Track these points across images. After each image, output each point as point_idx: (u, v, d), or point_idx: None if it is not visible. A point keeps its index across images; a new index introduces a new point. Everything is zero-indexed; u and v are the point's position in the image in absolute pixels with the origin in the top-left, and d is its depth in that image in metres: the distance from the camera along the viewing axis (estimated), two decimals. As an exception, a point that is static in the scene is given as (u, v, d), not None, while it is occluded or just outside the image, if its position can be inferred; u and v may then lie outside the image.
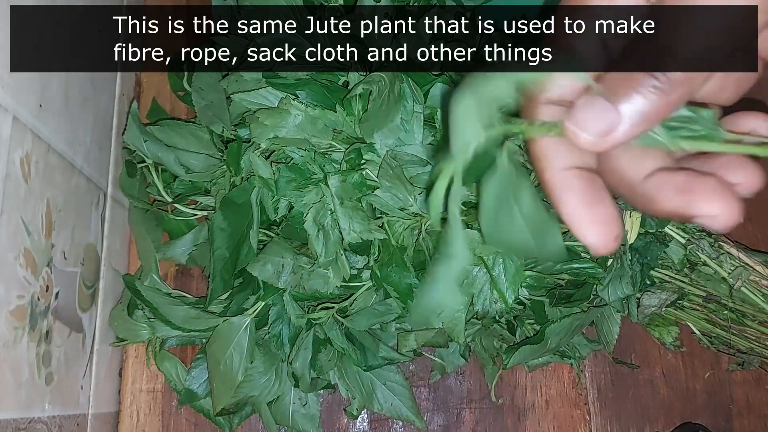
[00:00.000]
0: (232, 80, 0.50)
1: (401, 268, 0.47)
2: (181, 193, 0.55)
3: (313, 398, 0.53)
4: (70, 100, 0.49)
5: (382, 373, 0.53)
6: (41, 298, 0.43)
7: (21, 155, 0.41)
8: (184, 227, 0.56)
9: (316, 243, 0.47)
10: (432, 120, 0.47)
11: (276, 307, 0.51)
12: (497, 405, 0.56)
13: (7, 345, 0.39)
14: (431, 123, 0.47)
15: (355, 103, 0.45)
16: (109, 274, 0.55)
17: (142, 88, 0.64)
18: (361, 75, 0.46)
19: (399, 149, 0.46)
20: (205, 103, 0.53)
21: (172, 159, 0.53)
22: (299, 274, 0.49)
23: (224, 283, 0.49)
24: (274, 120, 0.46)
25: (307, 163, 0.47)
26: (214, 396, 0.50)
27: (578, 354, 0.55)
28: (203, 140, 0.53)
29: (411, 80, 0.46)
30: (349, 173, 0.46)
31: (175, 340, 0.55)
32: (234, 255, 0.50)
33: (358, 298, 0.51)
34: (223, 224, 0.49)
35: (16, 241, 0.40)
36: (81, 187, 0.50)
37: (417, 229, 0.48)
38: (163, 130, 0.54)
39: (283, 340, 0.51)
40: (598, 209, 0.25)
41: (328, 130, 0.47)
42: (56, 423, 0.45)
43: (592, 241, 0.25)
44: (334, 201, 0.46)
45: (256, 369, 0.51)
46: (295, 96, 0.46)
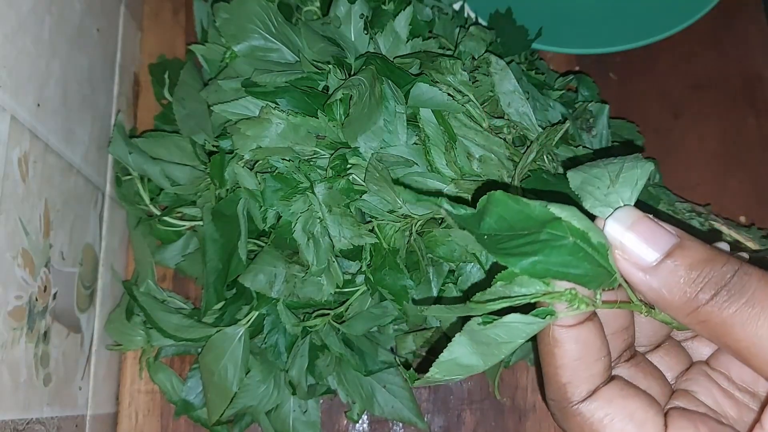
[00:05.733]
0: (212, 90, 0.50)
1: (395, 271, 0.47)
2: (167, 206, 0.55)
3: (313, 404, 0.53)
4: (68, 100, 0.48)
5: (381, 376, 0.53)
6: (39, 298, 0.43)
7: (19, 155, 0.41)
8: (174, 236, 0.55)
9: (307, 252, 0.47)
10: (414, 119, 0.46)
11: (270, 317, 0.50)
12: (498, 406, 0.56)
13: (5, 346, 0.39)
14: (414, 122, 0.46)
15: (337, 108, 0.45)
16: (108, 274, 0.55)
17: (140, 87, 0.64)
18: (341, 79, 0.46)
19: (384, 151, 0.45)
20: (186, 112, 0.52)
21: (158, 171, 0.53)
22: (292, 283, 0.48)
23: (217, 294, 0.49)
24: (256, 130, 0.45)
25: (292, 171, 0.47)
26: (209, 407, 0.50)
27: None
28: (187, 151, 0.52)
29: (390, 81, 0.45)
30: (335, 180, 0.45)
31: (170, 350, 0.55)
32: (225, 266, 0.49)
33: (353, 303, 0.50)
34: (215, 235, 0.48)
35: (14, 241, 0.40)
36: (79, 187, 0.50)
37: (407, 231, 0.47)
38: (148, 141, 0.54)
39: (280, 349, 0.50)
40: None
41: (312, 137, 0.46)
42: (55, 424, 0.45)
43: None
44: (322, 209, 0.45)
45: (254, 378, 0.50)
46: (276, 104, 0.45)
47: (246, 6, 0.49)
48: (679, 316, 0.24)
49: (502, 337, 0.25)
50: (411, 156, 0.46)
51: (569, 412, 0.27)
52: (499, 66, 0.49)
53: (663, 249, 0.24)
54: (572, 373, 0.26)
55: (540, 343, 0.27)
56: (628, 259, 0.25)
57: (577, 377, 0.26)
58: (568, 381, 0.27)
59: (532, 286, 0.25)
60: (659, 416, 0.27)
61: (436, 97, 0.45)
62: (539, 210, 0.24)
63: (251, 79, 0.47)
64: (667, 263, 0.24)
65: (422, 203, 0.44)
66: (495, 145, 0.46)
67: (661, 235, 0.25)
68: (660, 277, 0.24)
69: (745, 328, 0.23)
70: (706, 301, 0.23)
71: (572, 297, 0.25)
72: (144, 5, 0.66)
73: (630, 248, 0.25)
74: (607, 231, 0.25)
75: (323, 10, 0.53)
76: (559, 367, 0.27)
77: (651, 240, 0.24)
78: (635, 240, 0.25)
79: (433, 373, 0.27)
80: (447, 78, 0.47)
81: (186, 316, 0.52)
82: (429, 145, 0.46)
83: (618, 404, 0.26)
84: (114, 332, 0.53)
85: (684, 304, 0.24)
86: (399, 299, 0.47)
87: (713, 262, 0.24)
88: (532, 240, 0.24)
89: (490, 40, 0.53)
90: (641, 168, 0.26)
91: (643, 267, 0.24)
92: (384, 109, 0.45)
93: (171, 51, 0.64)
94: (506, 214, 0.25)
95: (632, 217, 0.25)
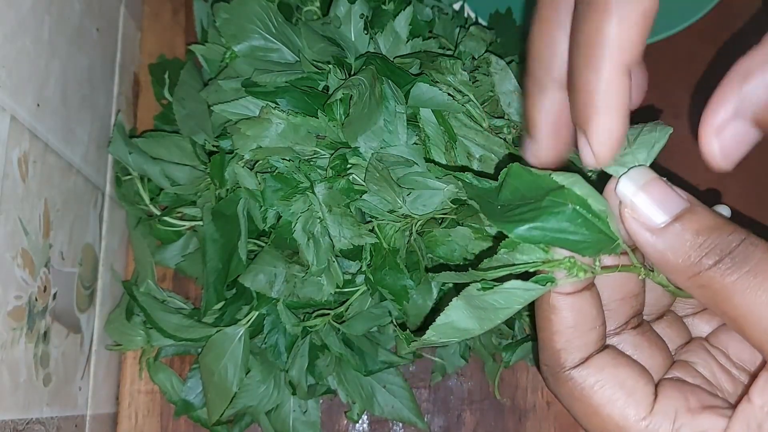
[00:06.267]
0: (212, 90, 0.50)
1: (395, 271, 0.47)
2: (168, 206, 0.55)
3: (313, 405, 0.53)
4: (67, 100, 0.48)
5: (381, 376, 0.53)
6: (39, 298, 0.43)
7: (18, 155, 0.41)
8: (174, 236, 0.55)
9: (307, 251, 0.47)
10: (414, 119, 0.46)
11: (270, 317, 0.50)
12: (498, 406, 0.56)
13: (5, 346, 0.39)
14: (414, 122, 0.46)
15: (337, 108, 0.45)
16: (108, 274, 0.55)
17: (140, 87, 0.64)
18: (341, 79, 0.46)
19: (384, 151, 0.45)
20: (186, 112, 0.52)
21: (158, 171, 0.53)
22: (292, 283, 0.48)
23: (218, 294, 0.49)
24: (256, 130, 0.45)
25: (292, 171, 0.47)
26: (209, 407, 0.50)
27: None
28: (187, 151, 0.52)
29: (391, 81, 0.45)
30: (335, 180, 0.45)
31: (170, 350, 0.55)
32: (225, 266, 0.49)
33: (354, 303, 0.50)
34: (215, 236, 0.48)
35: (14, 241, 0.40)
36: (79, 187, 0.50)
37: (408, 231, 0.47)
38: (148, 141, 0.54)
39: (280, 349, 0.50)
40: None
41: (312, 137, 0.46)
42: (54, 424, 0.45)
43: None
44: (322, 209, 0.45)
45: (254, 378, 0.50)
46: (276, 104, 0.45)
47: (246, 6, 0.49)
48: (680, 280, 0.25)
49: (500, 302, 0.26)
50: (411, 156, 0.46)
51: (561, 378, 0.27)
52: (499, 66, 0.49)
53: (672, 212, 0.25)
54: (567, 340, 0.27)
55: (537, 310, 0.28)
56: (637, 219, 0.25)
57: (571, 344, 0.27)
58: (562, 347, 0.27)
59: (533, 254, 0.26)
60: (650, 386, 0.27)
61: (436, 97, 0.45)
62: (546, 179, 0.25)
63: (251, 79, 0.47)
64: (675, 226, 0.24)
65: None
66: (495, 145, 0.46)
67: (673, 199, 0.25)
68: (666, 239, 0.24)
69: (744, 297, 0.23)
70: (709, 267, 0.24)
71: (571, 265, 0.25)
72: (144, 5, 0.66)
73: (640, 208, 0.25)
74: (619, 189, 0.25)
75: (323, 10, 0.53)
76: (555, 333, 0.27)
77: (662, 202, 0.25)
78: (646, 200, 0.25)
79: (429, 336, 0.27)
80: (447, 78, 0.47)
81: (186, 316, 0.52)
82: (429, 145, 0.46)
83: (609, 372, 0.27)
84: (114, 332, 0.53)
85: (687, 267, 0.24)
86: (399, 299, 0.47)
87: (720, 229, 0.24)
88: (534, 207, 0.25)
89: (490, 40, 0.53)
90: (660, 131, 0.27)
91: (650, 228, 0.25)
92: (384, 109, 0.45)
93: (171, 51, 0.64)
94: (520, 185, 0.26)
95: (645, 177, 0.25)
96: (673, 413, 0.26)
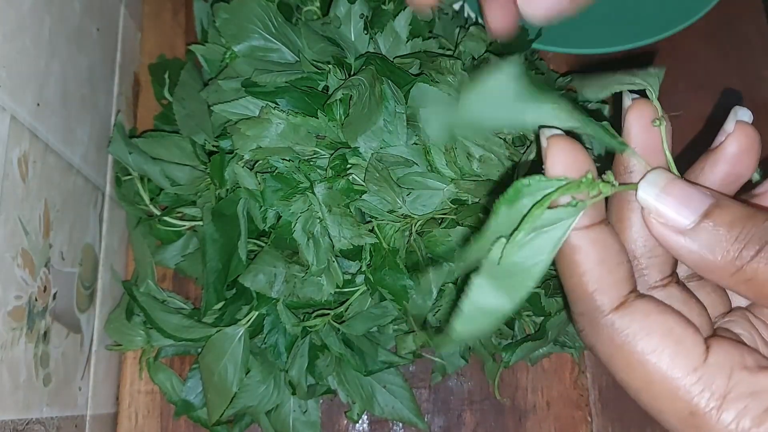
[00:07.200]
0: (212, 90, 0.50)
1: (395, 271, 0.47)
2: (168, 206, 0.55)
3: (313, 404, 0.53)
4: (68, 100, 0.48)
5: (381, 376, 0.53)
6: (39, 298, 0.43)
7: (19, 155, 0.41)
8: (174, 236, 0.55)
9: (307, 252, 0.47)
10: (414, 120, 0.46)
11: (270, 317, 0.50)
12: (498, 406, 0.56)
13: (5, 346, 0.39)
14: (414, 123, 0.46)
15: (337, 108, 0.45)
16: (108, 274, 0.55)
17: (140, 87, 0.64)
18: (341, 79, 0.46)
19: (384, 151, 0.45)
20: (186, 112, 0.52)
21: (158, 171, 0.53)
22: (292, 283, 0.48)
23: (218, 294, 0.49)
24: (256, 130, 0.45)
25: (292, 171, 0.47)
26: (209, 407, 0.50)
27: (579, 343, 0.55)
28: (187, 151, 0.52)
29: (390, 81, 0.45)
30: (335, 180, 0.45)
31: (170, 350, 0.55)
32: (225, 266, 0.49)
33: (353, 303, 0.50)
34: (215, 235, 0.48)
35: (14, 241, 0.40)
36: (79, 187, 0.50)
37: (407, 231, 0.47)
38: (148, 141, 0.54)
39: (280, 349, 0.50)
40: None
41: (311, 137, 0.46)
42: (54, 424, 0.45)
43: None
44: (322, 209, 0.45)
45: (254, 378, 0.50)
46: (276, 104, 0.45)
47: (246, 6, 0.49)
48: (724, 278, 0.23)
49: (529, 257, 0.23)
50: (411, 156, 0.46)
51: (600, 324, 0.25)
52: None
53: (699, 210, 0.24)
54: (598, 278, 0.25)
55: (559, 259, 0.26)
56: (664, 223, 0.24)
57: (604, 282, 0.25)
58: (594, 288, 0.25)
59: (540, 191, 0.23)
60: (699, 336, 0.25)
61: (436, 97, 0.45)
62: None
63: (251, 79, 0.47)
64: (707, 224, 0.23)
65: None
66: (495, 145, 0.46)
67: (697, 196, 0.24)
68: (700, 239, 0.23)
69: None
70: (751, 258, 0.22)
71: (589, 182, 0.23)
72: (144, 5, 0.66)
73: (665, 212, 0.24)
74: (640, 196, 0.25)
75: (323, 10, 0.53)
76: (583, 274, 0.25)
77: (686, 201, 0.24)
78: (670, 202, 0.24)
79: (458, 329, 0.24)
80: (447, 78, 0.47)
81: (186, 316, 0.52)
82: (429, 145, 0.46)
83: (655, 319, 0.24)
84: (114, 332, 0.53)
85: (728, 263, 0.23)
86: (399, 299, 0.47)
87: (754, 218, 0.23)
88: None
89: (490, 40, 0.53)
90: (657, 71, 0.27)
91: (681, 230, 0.24)
92: (384, 109, 0.45)
93: (171, 51, 0.64)
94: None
95: (665, 180, 0.24)
96: (729, 368, 0.24)
